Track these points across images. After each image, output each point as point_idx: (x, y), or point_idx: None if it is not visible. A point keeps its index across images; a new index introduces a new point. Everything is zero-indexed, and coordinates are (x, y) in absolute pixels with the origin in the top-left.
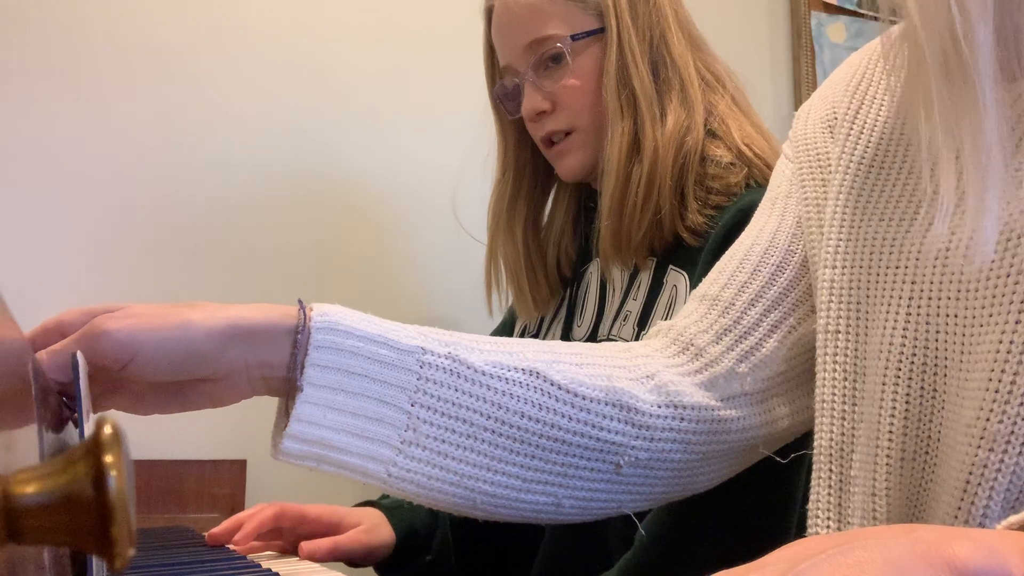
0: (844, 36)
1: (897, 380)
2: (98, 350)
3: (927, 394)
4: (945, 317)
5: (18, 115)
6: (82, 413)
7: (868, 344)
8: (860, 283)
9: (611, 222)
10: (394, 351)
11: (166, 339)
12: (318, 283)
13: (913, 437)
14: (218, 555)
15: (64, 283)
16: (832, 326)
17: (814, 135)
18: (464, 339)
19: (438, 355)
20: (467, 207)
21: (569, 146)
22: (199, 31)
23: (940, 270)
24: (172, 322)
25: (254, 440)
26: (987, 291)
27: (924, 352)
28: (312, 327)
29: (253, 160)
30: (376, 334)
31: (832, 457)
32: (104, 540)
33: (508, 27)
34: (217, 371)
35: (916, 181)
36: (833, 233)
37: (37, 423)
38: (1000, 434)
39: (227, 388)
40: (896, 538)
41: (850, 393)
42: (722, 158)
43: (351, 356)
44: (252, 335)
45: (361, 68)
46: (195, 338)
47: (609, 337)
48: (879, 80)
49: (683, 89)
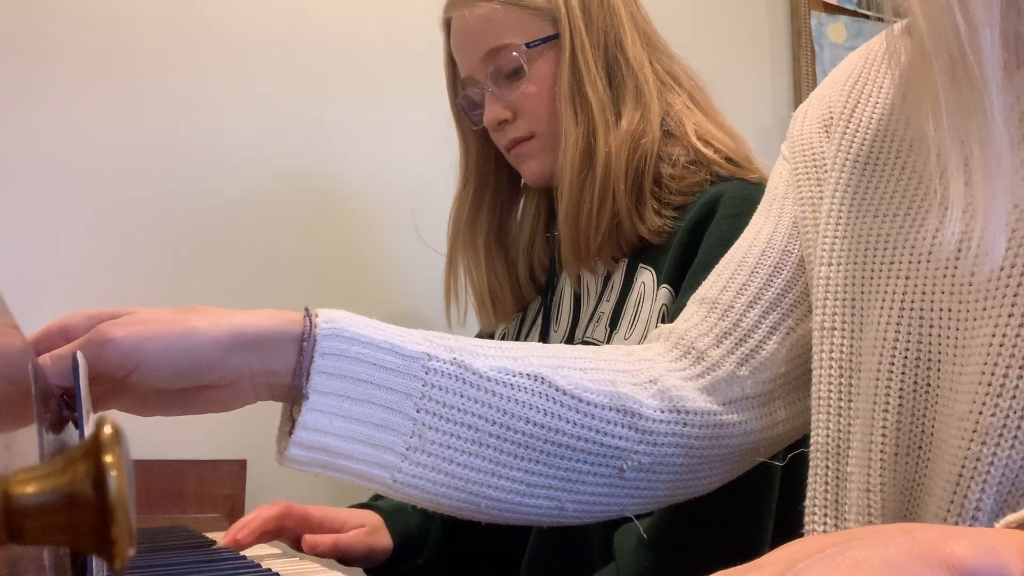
0: (844, 36)
1: (891, 375)
2: (103, 357)
3: (920, 389)
4: (939, 312)
5: (18, 115)
6: (82, 413)
7: (863, 340)
8: (855, 280)
9: (568, 231)
10: (400, 357)
11: (171, 347)
12: (310, 281)
13: (907, 432)
14: (218, 555)
15: (64, 283)
16: (828, 323)
17: (810, 135)
18: (468, 344)
19: (443, 361)
20: (430, 217)
21: (530, 150)
22: (192, 32)
23: (934, 265)
24: (177, 330)
25: (254, 440)
26: (980, 286)
27: (918, 347)
28: (318, 334)
29: (247, 160)
30: (381, 340)
31: (828, 454)
32: (104, 540)
33: (465, 39)
34: (222, 378)
35: (910, 178)
36: (829, 231)
37: (37, 423)
38: (993, 427)
39: (231, 394)
40: (894, 537)
41: (846, 390)
42: (679, 158)
43: (357, 363)
44: (258, 343)
45: (355, 68)
46: (200, 346)
47: (584, 340)
48: (876, 78)
49: (638, 92)
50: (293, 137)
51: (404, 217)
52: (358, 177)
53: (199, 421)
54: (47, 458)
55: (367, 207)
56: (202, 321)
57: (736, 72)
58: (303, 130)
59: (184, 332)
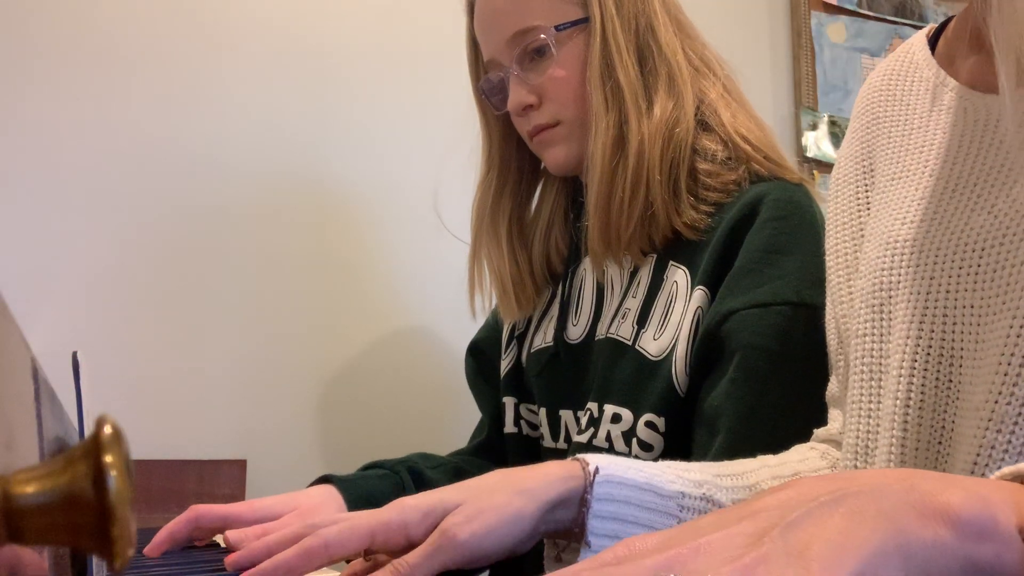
0: (844, 36)
1: (912, 372)
2: (454, 559)
3: (943, 384)
4: (962, 309)
5: (17, 116)
6: (82, 413)
7: (890, 343)
8: (883, 285)
9: (598, 220)
10: (658, 497)
11: (506, 536)
12: (307, 284)
13: (928, 427)
14: (218, 555)
15: (64, 283)
16: (860, 330)
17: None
18: (712, 476)
19: (694, 497)
20: (449, 207)
21: (554, 137)
22: (193, 32)
23: (958, 263)
24: (506, 517)
25: (254, 440)
26: (1001, 280)
27: (941, 344)
28: (594, 482)
29: (253, 160)
30: (643, 482)
31: (858, 454)
32: (104, 540)
33: (491, 20)
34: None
35: (936, 183)
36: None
37: (37, 423)
38: (1008, 415)
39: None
40: (892, 486)
41: (875, 391)
42: (716, 153)
43: (625, 505)
44: (555, 507)
45: (350, 68)
46: (525, 529)
47: (608, 336)
48: (902, 88)
49: (671, 79)
50: (297, 136)
51: (416, 218)
52: (365, 178)
53: (199, 421)
54: (47, 458)
55: (376, 208)
56: (518, 501)
57: (736, 72)
58: (308, 129)
59: (512, 519)
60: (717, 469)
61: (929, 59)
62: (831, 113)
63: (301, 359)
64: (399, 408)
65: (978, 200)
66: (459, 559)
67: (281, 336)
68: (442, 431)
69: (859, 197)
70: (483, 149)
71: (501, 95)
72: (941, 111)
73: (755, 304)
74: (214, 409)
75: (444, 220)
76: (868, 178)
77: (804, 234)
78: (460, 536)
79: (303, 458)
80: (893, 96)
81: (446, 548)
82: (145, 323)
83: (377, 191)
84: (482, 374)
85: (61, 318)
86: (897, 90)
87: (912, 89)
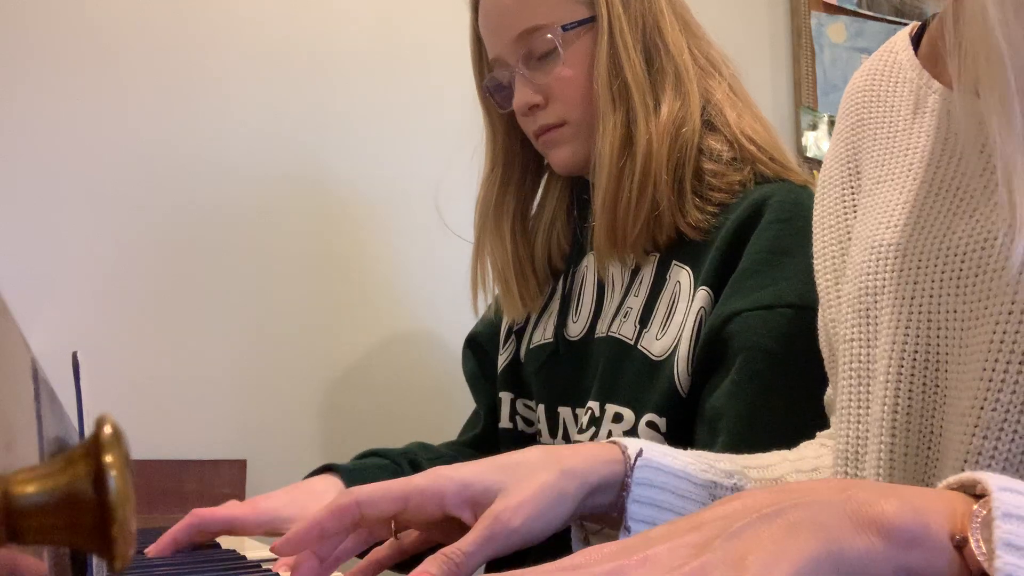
0: (844, 36)
1: (900, 377)
2: (507, 546)
3: (929, 390)
4: (946, 314)
5: (18, 116)
6: (82, 413)
7: (877, 348)
8: (868, 290)
9: (605, 219)
10: (692, 485)
11: (552, 519)
12: (308, 284)
13: (916, 433)
14: (218, 555)
15: (64, 283)
16: (848, 335)
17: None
18: (740, 467)
19: (725, 488)
20: (451, 207)
21: (561, 137)
22: (195, 30)
23: (940, 268)
24: (552, 497)
25: (254, 440)
26: (983, 284)
27: (926, 349)
28: (634, 466)
29: (254, 160)
30: (679, 469)
31: (848, 460)
32: (104, 540)
33: (497, 18)
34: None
35: (919, 189)
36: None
37: (37, 423)
38: (993, 422)
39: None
40: (831, 498)
41: (864, 397)
42: (722, 153)
43: (661, 491)
44: (596, 491)
45: (351, 67)
46: (568, 509)
47: (609, 334)
48: (887, 90)
49: (678, 78)
50: (298, 136)
51: (416, 219)
52: (366, 178)
53: (199, 421)
54: (47, 458)
55: (377, 208)
56: (563, 481)
57: (736, 72)
58: (308, 129)
59: (558, 500)
60: (744, 461)
61: (912, 60)
62: (831, 113)
63: (301, 359)
64: (399, 408)
65: (960, 204)
66: (512, 546)
67: (281, 336)
68: (442, 431)
69: (845, 200)
70: (487, 146)
71: (506, 93)
72: (925, 114)
73: (759, 306)
74: (214, 409)
75: (446, 220)
76: (854, 181)
77: (809, 236)
78: (513, 523)
79: (303, 458)
80: (877, 97)
81: (499, 536)
82: (145, 323)
83: (377, 191)
84: (480, 367)
85: (61, 318)
86: (881, 91)
87: (896, 91)
